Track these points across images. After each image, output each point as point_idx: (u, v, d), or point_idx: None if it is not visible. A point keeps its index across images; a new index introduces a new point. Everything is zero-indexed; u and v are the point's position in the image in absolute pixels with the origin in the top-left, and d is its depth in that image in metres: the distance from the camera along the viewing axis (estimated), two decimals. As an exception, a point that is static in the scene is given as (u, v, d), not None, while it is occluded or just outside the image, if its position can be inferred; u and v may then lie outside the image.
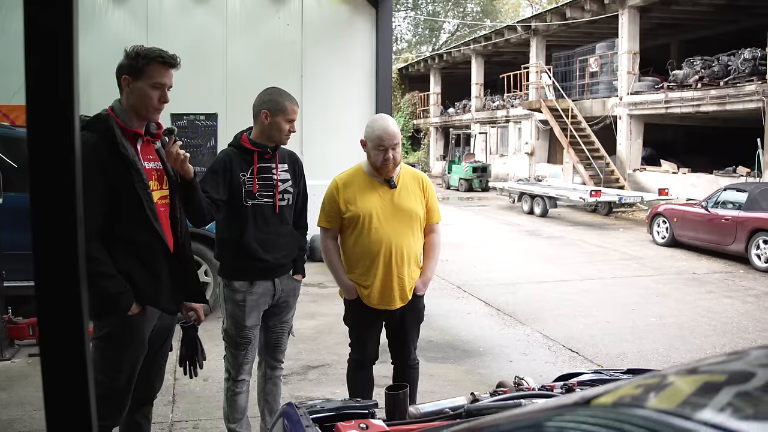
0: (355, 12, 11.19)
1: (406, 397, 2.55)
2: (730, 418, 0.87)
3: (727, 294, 9.55)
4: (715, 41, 22.74)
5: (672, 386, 1.05)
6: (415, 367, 4.25)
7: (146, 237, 3.07)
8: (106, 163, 2.92)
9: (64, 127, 1.04)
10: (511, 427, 1.23)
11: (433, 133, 38.98)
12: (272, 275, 3.90)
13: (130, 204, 3.01)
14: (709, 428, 0.83)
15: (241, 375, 3.98)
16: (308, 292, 8.54)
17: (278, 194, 3.87)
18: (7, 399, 5.06)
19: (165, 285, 3.16)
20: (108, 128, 2.98)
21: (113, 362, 3.07)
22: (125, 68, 3.04)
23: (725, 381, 1.00)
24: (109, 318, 3.04)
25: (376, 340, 4.17)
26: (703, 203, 13.12)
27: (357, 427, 2.11)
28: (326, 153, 10.58)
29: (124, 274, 3.00)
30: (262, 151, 3.85)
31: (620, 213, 19.69)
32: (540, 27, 27.16)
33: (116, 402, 3.13)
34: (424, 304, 4.20)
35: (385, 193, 3.94)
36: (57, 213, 1.09)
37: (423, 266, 4.11)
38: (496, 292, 9.37)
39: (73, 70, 1.08)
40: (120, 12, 10.41)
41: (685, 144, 25.45)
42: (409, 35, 57.45)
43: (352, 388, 4.22)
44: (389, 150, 3.82)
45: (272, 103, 3.81)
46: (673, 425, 0.88)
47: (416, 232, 4.01)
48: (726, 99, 18.27)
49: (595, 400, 1.09)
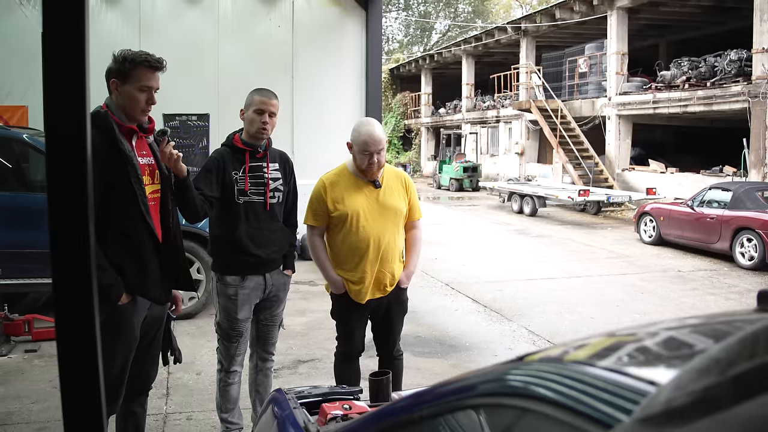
0: (345, 14, 11.32)
1: (389, 383, 2.70)
2: (623, 364, 1.06)
3: (711, 291, 9.71)
4: (703, 42, 23.01)
5: (588, 346, 1.23)
6: (399, 358, 4.41)
7: (138, 230, 3.20)
8: (103, 158, 3.02)
9: (78, 134, 1.18)
10: (462, 385, 1.39)
11: (424, 134, 39.13)
12: (263, 270, 4.05)
13: (125, 198, 3.14)
14: (606, 371, 1.02)
15: (233, 366, 4.11)
16: (299, 289, 8.67)
17: (269, 192, 4.01)
18: (5, 393, 5.18)
19: (154, 276, 3.30)
20: (107, 124, 3.11)
21: (106, 351, 3.19)
22: (113, 72, 3.18)
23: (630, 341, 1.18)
24: (101, 308, 3.17)
25: (362, 332, 4.31)
26: (689, 202, 13.29)
27: (341, 407, 2.25)
28: (317, 153, 10.70)
29: (115, 266, 3.13)
30: (254, 151, 3.99)
31: (609, 212, 19.87)
32: (530, 28, 27.35)
33: (111, 391, 3.26)
34: (407, 296, 4.36)
35: (371, 193, 4.08)
36: (72, 211, 1.22)
37: (406, 260, 4.28)
38: (483, 290, 9.52)
39: (85, 75, 1.21)
40: (113, 13, 10.50)
41: (673, 144, 25.69)
42: (400, 35, 57.65)
43: (340, 380, 4.35)
44: (374, 155, 3.95)
45: (246, 100, 4.00)
46: (579, 371, 1.06)
47: (400, 229, 4.19)
48: (713, 99, 18.48)
49: (528, 357, 1.28)
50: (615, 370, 1.01)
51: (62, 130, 1.17)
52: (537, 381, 1.12)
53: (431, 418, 1.41)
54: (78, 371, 1.24)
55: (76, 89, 1.17)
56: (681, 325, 1.18)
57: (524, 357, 1.32)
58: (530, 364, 1.21)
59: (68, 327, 1.22)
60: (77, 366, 1.24)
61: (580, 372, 1.05)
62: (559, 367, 1.13)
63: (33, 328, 6.31)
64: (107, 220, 3.12)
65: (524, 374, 1.19)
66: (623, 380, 0.97)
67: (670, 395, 0.65)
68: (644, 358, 1.14)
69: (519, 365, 1.24)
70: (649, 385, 0.89)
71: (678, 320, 1.21)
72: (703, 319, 1.20)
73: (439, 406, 1.40)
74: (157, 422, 4.70)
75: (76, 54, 1.16)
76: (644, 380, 0.93)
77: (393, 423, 1.55)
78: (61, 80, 1.18)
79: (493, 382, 1.26)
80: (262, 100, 3.94)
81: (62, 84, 1.18)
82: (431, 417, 1.41)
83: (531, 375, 1.16)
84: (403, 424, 1.50)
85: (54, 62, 1.16)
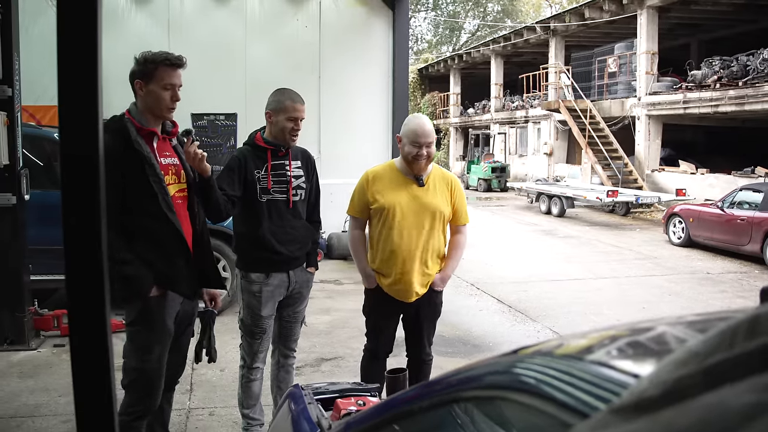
0: (372, 13, 11.36)
1: (405, 380, 2.71)
2: (611, 357, 1.07)
3: (741, 294, 9.59)
4: (735, 41, 22.64)
5: (582, 340, 1.25)
6: (428, 362, 4.37)
7: (162, 227, 3.28)
8: (119, 159, 3.11)
9: (90, 131, 1.21)
10: (459, 377, 1.42)
11: (452, 134, 39.03)
12: (287, 267, 4.08)
13: (145, 197, 3.22)
14: (593, 365, 1.03)
15: (255, 363, 4.16)
16: (324, 288, 8.72)
17: (291, 190, 4.05)
18: (34, 386, 5.30)
19: (182, 271, 3.37)
20: (122, 128, 3.21)
21: (144, 345, 3.30)
22: (137, 74, 3.29)
23: (625, 336, 1.20)
24: (135, 302, 3.26)
25: (391, 331, 4.32)
26: (719, 203, 13.13)
27: (355, 403, 2.28)
28: (344, 152, 10.78)
29: (142, 260, 3.22)
30: (276, 149, 4.03)
31: (638, 213, 19.68)
32: (559, 27, 27.16)
33: (150, 384, 3.34)
34: (441, 300, 4.32)
35: (413, 190, 4.09)
36: (84, 209, 1.26)
37: (444, 264, 4.25)
38: (508, 290, 9.50)
39: (97, 77, 1.25)
40: (142, 14, 10.65)
41: (703, 144, 25.34)
42: (429, 35, 57.53)
43: (364, 377, 4.34)
44: (423, 147, 3.98)
45: (274, 104, 3.99)
46: (566, 364, 1.08)
47: (438, 230, 4.15)
48: (745, 99, 18.20)
49: (522, 350, 1.30)
50: (602, 363, 1.03)
51: (75, 132, 1.20)
52: (526, 373, 1.14)
53: (429, 410, 1.44)
54: (90, 370, 1.27)
55: (88, 92, 1.21)
56: (679, 322, 1.19)
57: (518, 350, 1.35)
58: (522, 357, 1.24)
59: (80, 329, 1.26)
60: (90, 365, 1.28)
61: (568, 365, 1.07)
62: (548, 360, 1.15)
63: (62, 323, 6.44)
64: (132, 219, 3.21)
65: (515, 367, 1.21)
66: (608, 373, 0.98)
67: (644, 386, 0.67)
68: (633, 352, 1.15)
69: (512, 358, 1.27)
70: (633, 378, 0.91)
71: (677, 317, 1.23)
72: (704, 316, 1.21)
73: (437, 398, 1.43)
74: (180, 417, 4.77)
75: (89, 54, 1.19)
76: (629, 373, 0.94)
77: (395, 414, 1.58)
78: (74, 81, 1.21)
79: (487, 375, 1.29)
80: (295, 107, 3.96)
81: (75, 85, 1.22)
82: (429, 408, 1.44)
83: (521, 368, 1.18)
84: (404, 415, 1.53)
85: (67, 63, 1.20)
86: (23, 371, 5.65)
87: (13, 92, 5.99)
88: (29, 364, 5.83)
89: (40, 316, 6.43)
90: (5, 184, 6.02)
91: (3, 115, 5.85)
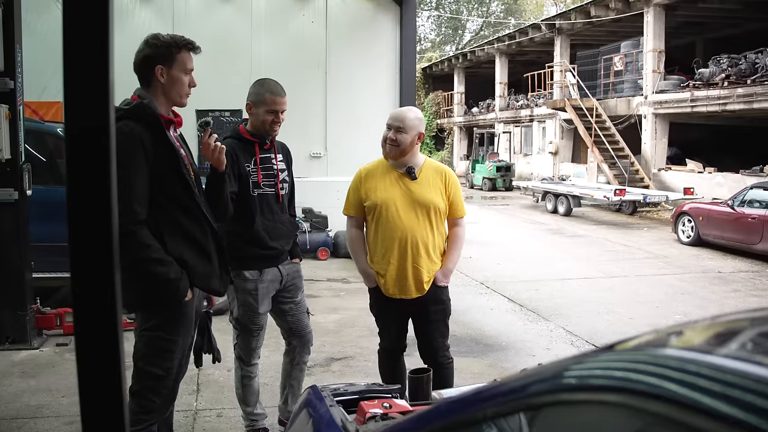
0: (379, 9, 11.23)
1: (429, 381, 2.57)
2: (750, 353, 0.91)
3: (754, 293, 9.45)
4: (742, 39, 22.45)
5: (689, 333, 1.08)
6: (447, 366, 4.11)
7: (195, 220, 3.11)
8: (151, 151, 2.94)
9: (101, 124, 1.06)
10: (537, 378, 1.24)
11: (456, 133, 38.89)
12: (277, 262, 4.01)
13: (180, 190, 3.05)
14: (731, 360, 0.86)
15: (253, 359, 4.08)
16: (331, 287, 8.56)
17: (279, 183, 3.98)
18: (36, 386, 5.16)
19: (215, 266, 3.21)
20: (153, 116, 3.00)
21: (166, 350, 3.07)
22: (158, 58, 3.06)
23: (742, 328, 1.04)
24: (171, 306, 3.04)
25: (400, 329, 4.17)
26: (729, 202, 12.99)
27: (380, 405, 2.13)
28: (350, 149, 10.63)
29: (177, 259, 3.01)
30: (262, 142, 3.94)
31: (645, 212, 19.54)
32: (564, 26, 27.00)
33: (169, 390, 3.16)
34: (448, 297, 4.14)
35: (406, 184, 3.98)
36: (93, 206, 1.11)
37: (444, 258, 4.09)
38: (519, 289, 9.35)
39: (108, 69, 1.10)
40: (146, 10, 10.53)
41: (711, 143, 25.14)
42: (432, 35, 57.32)
43: (385, 377, 4.21)
44: (391, 130, 3.93)
45: (254, 96, 3.89)
46: (695, 361, 0.90)
47: (435, 224, 4.01)
48: (753, 97, 18.04)
49: (619, 345, 1.12)
50: (740, 359, 0.86)
51: (84, 123, 1.05)
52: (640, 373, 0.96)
53: (496, 418, 1.25)
54: (100, 373, 1.12)
55: (99, 77, 1.06)
56: None
57: (614, 345, 1.16)
58: (623, 353, 1.06)
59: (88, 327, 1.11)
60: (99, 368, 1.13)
61: (697, 362, 0.89)
62: (668, 354, 0.97)
63: (64, 322, 6.31)
64: (162, 214, 3.01)
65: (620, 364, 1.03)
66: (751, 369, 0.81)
67: None
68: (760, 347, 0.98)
69: (610, 355, 1.08)
70: None
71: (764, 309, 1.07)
72: None
73: (508, 405, 1.24)
74: (186, 419, 4.63)
75: (99, 37, 1.05)
76: None
77: (452, 422, 1.39)
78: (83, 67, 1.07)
79: (577, 376, 1.11)
80: (275, 99, 3.86)
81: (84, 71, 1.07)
82: (496, 416, 1.25)
83: (630, 366, 0.99)
84: (464, 425, 1.34)
85: (75, 49, 1.05)
86: (25, 371, 5.51)
87: (15, 85, 5.83)
88: (32, 363, 5.69)
89: (43, 315, 6.30)
90: (7, 179, 5.87)
91: (5, 108, 5.70)
